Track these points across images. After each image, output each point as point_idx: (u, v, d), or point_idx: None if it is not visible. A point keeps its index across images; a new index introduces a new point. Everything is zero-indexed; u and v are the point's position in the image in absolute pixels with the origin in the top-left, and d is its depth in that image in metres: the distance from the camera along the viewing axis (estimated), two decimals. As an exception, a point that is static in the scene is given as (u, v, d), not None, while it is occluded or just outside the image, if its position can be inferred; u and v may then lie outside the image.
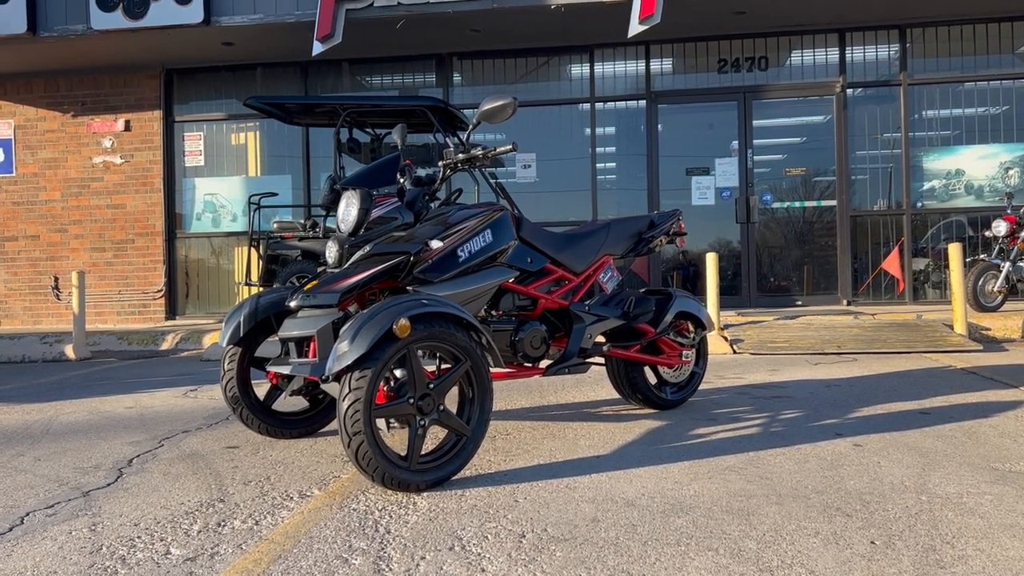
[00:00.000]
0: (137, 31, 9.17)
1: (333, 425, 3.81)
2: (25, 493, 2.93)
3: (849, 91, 9.75)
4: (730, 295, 9.68)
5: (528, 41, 9.91)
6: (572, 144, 10.27)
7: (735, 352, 6.95)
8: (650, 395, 4.16)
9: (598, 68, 10.14)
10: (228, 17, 9.09)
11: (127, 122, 10.69)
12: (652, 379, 4.23)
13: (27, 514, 2.66)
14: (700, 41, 9.92)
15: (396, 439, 3.41)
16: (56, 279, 10.82)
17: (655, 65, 10.07)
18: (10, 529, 2.51)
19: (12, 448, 3.74)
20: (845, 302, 9.65)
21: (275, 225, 8.31)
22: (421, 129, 8.60)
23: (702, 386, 4.69)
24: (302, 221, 8.24)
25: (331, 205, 7.43)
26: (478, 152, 3.49)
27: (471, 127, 3.53)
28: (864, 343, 6.88)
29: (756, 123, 9.95)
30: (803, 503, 2.58)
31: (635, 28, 8.37)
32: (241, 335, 3.45)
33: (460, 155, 3.51)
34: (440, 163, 3.56)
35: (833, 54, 9.77)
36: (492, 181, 8.52)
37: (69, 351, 8.09)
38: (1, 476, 3.20)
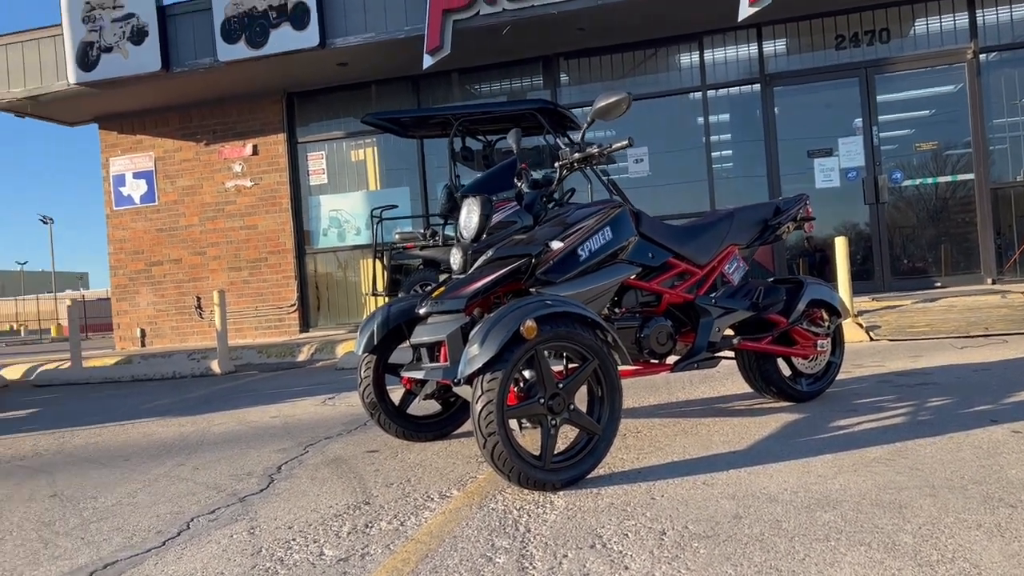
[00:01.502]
0: (259, 59, 9.69)
1: (465, 427, 3.90)
2: (188, 500, 3.14)
3: (982, 56, 9.15)
4: (862, 280, 9.25)
5: (634, 35, 9.81)
6: (684, 134, 10.09)
7: (872, 339, 6.64)
8: (784, 387, 4.03)
9: (708, 55, 9.93)
10: (342, 38, 9.46)
11: (254, 147, 11.28)
12: (786, 371, 4.10)
13: (192, 519, 2.85)
14: (815, 18, 9.55)
15: (528, 439, 3.45)
16: (198, 299, 11.53)
17: (768, 47, 9.77)
18: (178, 534, 2.70)
19: (173, 459, 4.01)
20: (989, 281, 9.05)
21: (397, 236, 8.57)
22: (531, 132, 8.66)
23: (839, 376, 4.50)
24: (422, 231, 8.46)
25: (448, 213, 7.61)
26: (594, 150, 3.49)
27: (586, 125, 3.54)
28: (1014, 323, 6.43)
29: (880, 98, 9.49)
30: (960, 494, 2.44)
31: (745, 12, 8.16)
32: (375, 343, 3.59)
33: (576, 154, 3.52)
34: (556, 164, 3.58)
35: (962, 18, 9.19)
36: (604, 178, 8.46)
37: (215, 366, 8.59)
38: (166, 484, 3.44)
